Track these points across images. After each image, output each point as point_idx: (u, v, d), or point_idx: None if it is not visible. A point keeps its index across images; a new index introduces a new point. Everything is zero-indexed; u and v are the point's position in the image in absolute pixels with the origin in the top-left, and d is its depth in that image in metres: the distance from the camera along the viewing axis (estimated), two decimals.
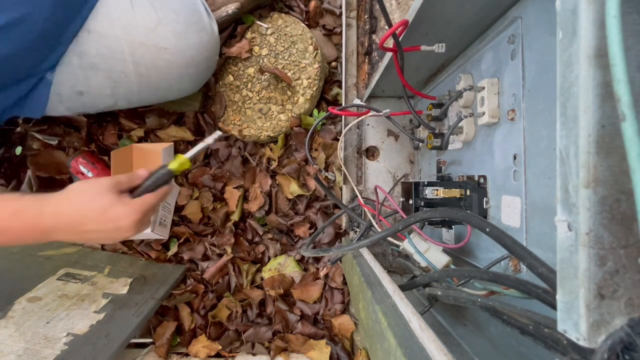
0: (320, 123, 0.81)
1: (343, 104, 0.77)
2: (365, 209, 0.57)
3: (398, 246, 0.48)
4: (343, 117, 0.76)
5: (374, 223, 0.50)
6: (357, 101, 0.61)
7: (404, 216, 0.52)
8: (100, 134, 0.82)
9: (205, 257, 0.81)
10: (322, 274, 0.78)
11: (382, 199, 0.58)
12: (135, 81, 0.66)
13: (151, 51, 0.63)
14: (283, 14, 0.83)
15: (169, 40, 0.64)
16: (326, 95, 0.85)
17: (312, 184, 0.82)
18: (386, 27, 0.61)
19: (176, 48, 0.65)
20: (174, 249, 0.80)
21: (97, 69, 0.62)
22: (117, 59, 0.62)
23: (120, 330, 0.63)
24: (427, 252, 0.44)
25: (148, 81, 0.67)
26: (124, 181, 0.45)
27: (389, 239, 0.47)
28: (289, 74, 0.80)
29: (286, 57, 0.81)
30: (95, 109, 0.71)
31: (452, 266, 0.44)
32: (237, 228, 0.82)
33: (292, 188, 0.81)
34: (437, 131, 0.54)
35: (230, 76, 0.82)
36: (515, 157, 0.38)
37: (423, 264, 0.44)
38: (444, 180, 0.53)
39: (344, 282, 0.77)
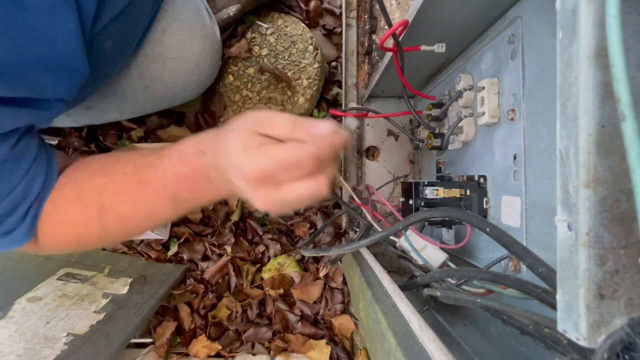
0: None
1: (343, 104, 0.77)
2: (363, 209, 0.57)
3: (395, 242, 0.48)
4: (343, 118, 0.76)
5: (373, 223, 0.50)
6: (353, 104, 0.61)
7: (396, 214, 0.52)
8: (100, 134, 0.82)
9: (205, 257, 0.81)
10: (321, 274, 0.78)
11: (377, 197, 0.58)
12: (141, 94, 0.65)
13: (156, 62, 0.62)
14: (283, 14, 0.82)
15: (174, 50, 0.63)
16: (326, 95, 0.85)
17: None
18: (386, 27, 0.61)
19: (181, 57, 0.64)
20: (174, 249, 0.80)
21: (104, 83, 0.61)
22: (124, 73, 0.61)
23: (120, 330, 0.63)
24: (424, 250, 0.44)
25: (153, 93, 0.66)
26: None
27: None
28: (289, 74, 0.80)
29: (286, 57, 0.81)
30: (101, 121, 0.70)
31: (451, 264, 0.44)
32: (237, 228, 0.82)
33: None
34: (437, 131, 0.54)
35: (231, 76, 0.82)
36: (515, 157, 0.39)
37: (420, 261, 0.44)
38: (444, 180, 0.53)
39: (344, 282, 0.77)
